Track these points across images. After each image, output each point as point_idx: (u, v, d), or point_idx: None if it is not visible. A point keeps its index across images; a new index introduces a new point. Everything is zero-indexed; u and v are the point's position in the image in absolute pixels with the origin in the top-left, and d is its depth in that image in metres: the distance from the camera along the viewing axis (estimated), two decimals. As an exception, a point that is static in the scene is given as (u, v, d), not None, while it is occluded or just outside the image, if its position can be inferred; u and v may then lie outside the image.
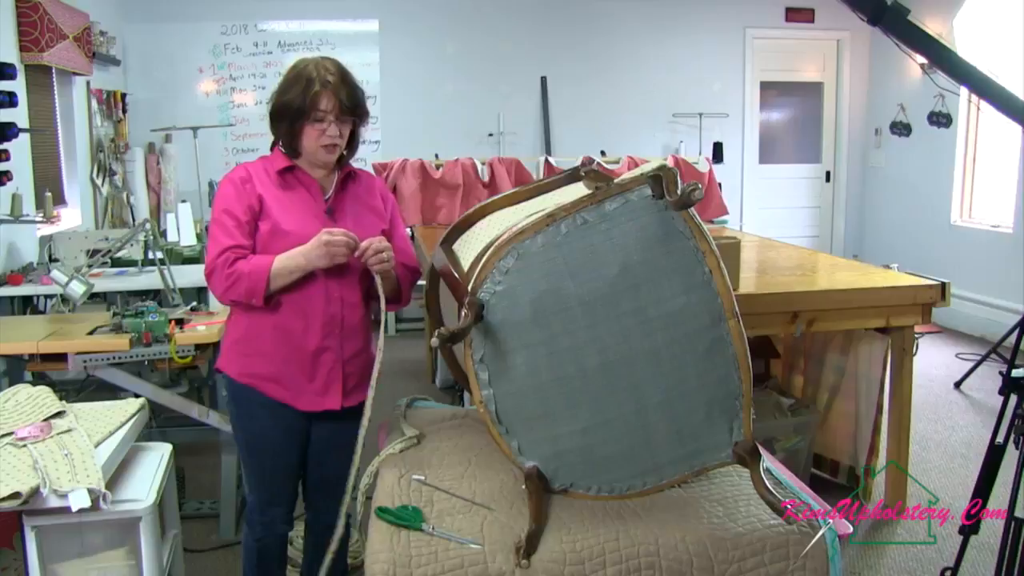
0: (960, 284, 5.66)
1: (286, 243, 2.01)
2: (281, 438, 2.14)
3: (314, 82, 1.99)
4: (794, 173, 7.79)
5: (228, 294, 2.01)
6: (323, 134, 2.02)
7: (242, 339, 2.12)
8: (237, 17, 6.67)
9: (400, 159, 5.14)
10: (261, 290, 1.99)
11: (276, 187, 2.08)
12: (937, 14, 6.28)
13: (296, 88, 2.00)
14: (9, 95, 4.04)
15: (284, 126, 2.05)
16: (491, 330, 1.63)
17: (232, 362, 2.14)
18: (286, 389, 2.09)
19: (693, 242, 1.64)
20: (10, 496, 1.76)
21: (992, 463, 2.27)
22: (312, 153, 2.06)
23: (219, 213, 2.04)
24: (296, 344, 2.07)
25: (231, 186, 2.06)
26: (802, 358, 3.77)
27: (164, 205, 6.23)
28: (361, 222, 2.11)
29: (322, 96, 1.99)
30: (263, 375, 2.10)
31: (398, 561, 1.60)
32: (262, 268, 1.98)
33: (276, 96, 2.06)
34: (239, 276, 1.97)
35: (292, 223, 2.04)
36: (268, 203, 2.05)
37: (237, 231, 2.01)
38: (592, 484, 1.75)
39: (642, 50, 7.20)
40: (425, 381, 5.15)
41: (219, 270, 1.99)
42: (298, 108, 2.00)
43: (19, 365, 3.08)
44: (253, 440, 2.18)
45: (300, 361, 2.08)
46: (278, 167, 2.09)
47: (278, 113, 2.05)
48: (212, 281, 2.03)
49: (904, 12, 3.83)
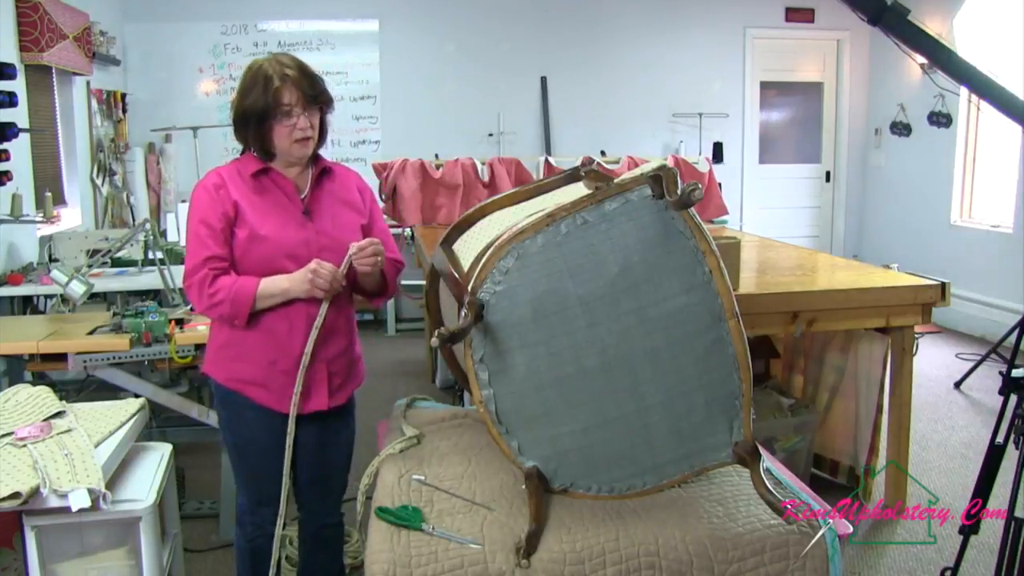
0: (960, 284, 5.66)
1: (264, 248, 2.00)
2: (269, 441, 2.11)
3: (273, 79, 1.96)
4: (794, 173, 7.79)
5: (209, 313, 2.02)
6: (294, 129, 1.99)
7: (226, 344, 2.10)
8: (237, 17, 6.67)
9: (400, 159, 5.14)
10: (244, 314, 1.99)
11: (251, 191, 2.04)
12: (937, 14, 6.28)
13: (256, 89, 1.98)
14: (9, 95, 4.04)
15: (251, 130, 2.02)
16: (491, 330, 1.63)
17: (218, 367, 2.13)
18: (271, 393, 2.08)
19: (693, 242, 1.64)
20: (10, 496, 1.76)
21: (992, 463, 2.27)
22: (286, 151, 2.03)
23: (194, 223, 2.01)
24: (281, 347, 2.05)
25: (204, 193, 2.02)
26: (802, 358, 3.77)
27: (164, 205, 6.23)
28: (339, 220, 2.10)
29: (284, 91, 1.96)
30: (248, 379, 2.08)
31: (398, 561, 1.60)
32: (246, 294, 1.97)
33: (237, 102, 2.03)
34: (221, 300, 1.97)
35: (269, 228, 2.01)
36: (243, 208, 2.01)
37: (212, 240, 1.99)
38: (592, 484, 1.75)
39: (642, 50, 7.20)
40: (425, 381, 5.15)
41: (197, 286, 1.98)
42: (263, 108, 1.97)
43: (19, 365, 3.08)
44: (242, 444, 2.17)
45: (285, 364, 2.06)
46: (251, 170, 2.05)
47: (243, 119, 2.02)
48: (190, 295, 2.02)
49: (904, 12, 3.83)
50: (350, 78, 6.81)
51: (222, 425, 2.20)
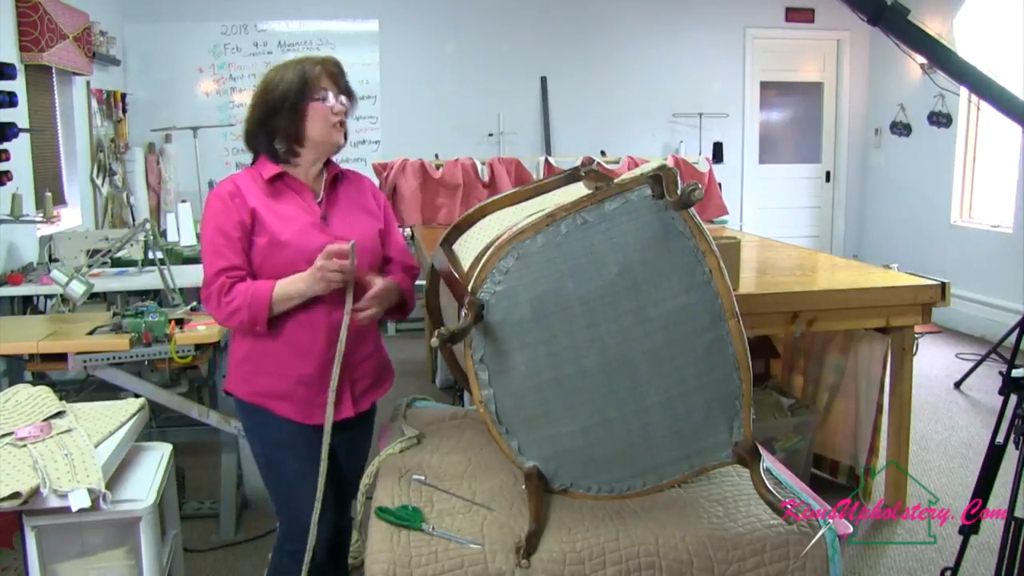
0: (960, 284, 5.66)
1: (286, 255, 1.94)
2: (299, 456, 2.02)
3: (306, 66, 1.96)
4: (794, 173, 7.79)
5: (228, 321, 1.94)
6: (331, 111, 1.97)
7: (246, 358, 2.03)
8: (237, 17, 6.67)
9: (400, 159, 5.13)
10: (263, 319, 1.92)
11: (268, 197, 1.99)
12: (937, 14, 6.28)
13: (288, 77, 1.95)
14: (9, 95, 4.04)
15: (283, 117, 1.96)
16: (491, 330, 1.63)
17: (240, 382, 2.05)
18: (295, 405, 2.01)
19: (693, 242, 1.64)
20: (10, 496, 1.76)
21: (992, 463, 2.27)
22: (322, 136, 1.98)
23: (210, 233, 1.95)
24: (303, 357, 1.99)
25: (219, 202, 1.96)
26: (802, 358, 3.77)
27: (164, 205, 6.23)
28: (355, 225, 2.04)
29: (321, 76, 1.97)
30: (272, 393, 2.01)
31: (398, 561, 1.60)
32: (262, 297, 1.90)
33: (261, 96, 1.98)
34: (238, 306, 1.90)
35: (289, 233, 1.95)
36: (262, 215, 1.95)
37: (229, 250, 1.93)
38: (592, 484, 1.75)
39: (642, 50, 7.20)
40: (425, 381, 5.15)
41: (215, 297, 1.92)
42: (299, 90, 1.94)
43: (19, 365, 3.08)
44: (273, 461, 2.08)
45: (309, 375, 1.99)
46: (268, 175, 2.00)
47: (271, 109, 1.97)
48: (209, 308, 1.95)
49: (904, 12, 3.83)
50: (350, 78, 6.78)
51: (252, 447, 2.12)
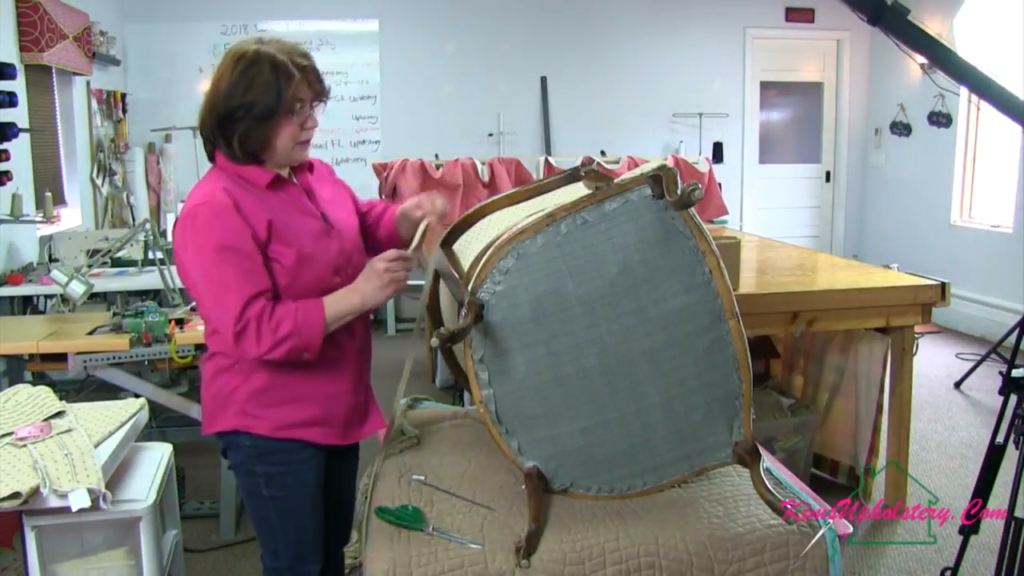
0: (960, 284, 5.66)
1: (314, 269, 1.71)
2: (316, 484, 1.84)
3: (285, 68, 1.63)
4: (794, 173, 7.78)
5: (273, 352, 1.64)
6: (302, 129, 1.70)
7: (266, 388, 1.75)
8: (237, 17, 6.67)
9: (400, 159, 5.13)
10: (316, 346, 1.66)
11: (272, 203, 1.71)
12: (937, 14, 6.28)
13: (260, 80, 1.62)
14: (9, 95, 4.05)
15: (246, 127, 1.65)
16: (491, 330, 1.63)
17: (260, 418, 1.75)
18: (332, 428, 1.81)
19: (693, 242, 1.64)
20: (10, 496, 1.76)
21: (992, 463, 2.27)
22: (284, 154, 1.71)
23: (221, 251, 1.62)
24: (335, 373, 1.80)
25: (226, 214, 1.63)
26: (802, 358, 3.77)
27: (164, 205, 6.23)
28: (344, 218, 1.87)
29: (302, 86, 1.67)
30: (305, 421, 1.77)
31: (398, 561, 1.60)
32: (315, 318, 1.65)
33: (221, 96, 1.65)
34: (289, 332, 1.62)
35: (309, 244, 1.72)
36: (279, 227, 1.68)
37: (256, 270, 1.64)
38: (592, 484, 1.75)
39: (642, 50, 7.20)
40: (425, 381, 5.15)
41: (254, 325, 1.61)
42: (272, 105, 1.63)
43: (19, 365, 3.08)
44: (288, 495, 1.82)
45: (343, 392, 1.83)
46: (266, 179, 1.72)
47: (234, 116, 1.64)
48: (245, 341, 1.62)
49: (904, 12, 3.83)
50: (350, 78, 6.81)
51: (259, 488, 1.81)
